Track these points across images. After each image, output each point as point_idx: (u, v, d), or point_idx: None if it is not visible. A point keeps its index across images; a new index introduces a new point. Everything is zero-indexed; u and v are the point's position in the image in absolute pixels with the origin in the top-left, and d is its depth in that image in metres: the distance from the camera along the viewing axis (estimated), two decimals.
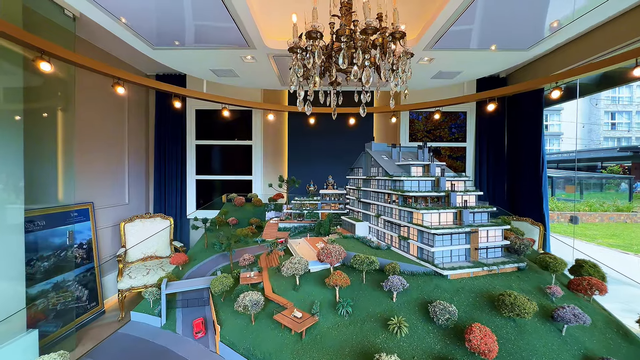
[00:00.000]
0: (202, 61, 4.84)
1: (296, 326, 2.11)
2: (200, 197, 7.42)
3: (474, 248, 2.37)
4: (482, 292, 2.09)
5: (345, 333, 2.06)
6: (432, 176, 2.75)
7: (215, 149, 7.44)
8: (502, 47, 4.33)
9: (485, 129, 7.02)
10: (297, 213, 4.50)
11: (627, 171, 24.82)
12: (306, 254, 2.77)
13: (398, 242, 2.75)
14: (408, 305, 2.11)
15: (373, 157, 3.14)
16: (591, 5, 3.20)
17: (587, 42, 4.85)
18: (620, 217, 15.18)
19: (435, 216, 2.42)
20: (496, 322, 1.84)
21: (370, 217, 3.30)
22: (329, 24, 2.65)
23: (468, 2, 3.19)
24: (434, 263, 2.30)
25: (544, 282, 2.23)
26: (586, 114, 28.76)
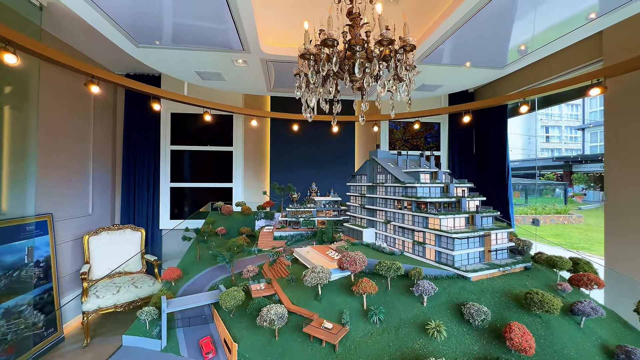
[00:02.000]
0: (189, 62, 4.59)
1: (331, 337, 2.05)
2: (176, 206, 6.93)
3: (487, 250, 2.53)
4: (504, 291, 2.23)
5: (381, 341, 2.05)
6: (441, 183, 2.88)
7: (192, 155, 7.04)
8: (482, 64, 4.73)
9: (457, 139, 7.56)
10: (293, 221, 4.41)
11: (560, 178, 28.31)
12: (320, 263, 2.72)
13: (412, 248, 2.82)
14: (439, 309, 2.17)
15: (380, 164, 3.21)
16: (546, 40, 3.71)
17: (544, 65, 5.49)
18: (559, 218, 17.20)
19: (451, 221, 2.54)
20: (525, 320, 1.97)
21: (376, 223, 3.35)
22: (342, 33, 2.67)
23: (460, 23, 3.46)
24: (455, 266, 2.40)
25: (549, 279, 2.45)
26: (526, 127, 32.32)
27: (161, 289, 3.19)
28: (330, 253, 3.01)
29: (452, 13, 3.32)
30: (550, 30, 3.65)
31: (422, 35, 4.01)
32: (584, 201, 27.07)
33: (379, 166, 3.28)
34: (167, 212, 6.80)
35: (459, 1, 3.17)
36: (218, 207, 5.35)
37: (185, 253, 4.14)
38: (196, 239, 4.15)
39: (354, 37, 2.57)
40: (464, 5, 3.11)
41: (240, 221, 5.06)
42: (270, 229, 4.52)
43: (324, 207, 4.52)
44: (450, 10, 3.34)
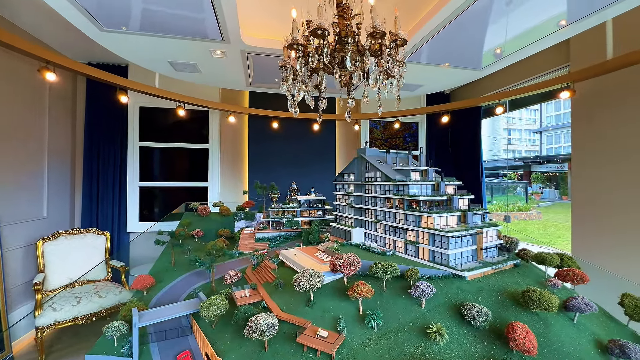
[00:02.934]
0: (161, 52, 4.23)
1: (327, 347, 1.91)
2: (145, 207, 6.42)
3: (480, 248, 2.52)
4: (500, 290, 2.22)
5: (380, 348, 1.94)
6: (432, 181, 2.85)
7: (164, 153, 6.57)
8: (461, 65, 4.82)
9: (434, 139, 7.74)
10: (276, 221, 4.21)
11: (520, 178, 30.38)
12: (310, 265, 2.57)
13: (403, 247, 2.76)
14: (438, 310, 2.11)
15: (370, 162, 3.12)
16: (520, 44, 3.89)
17: (516, 69, 5.74)
18: (521, 215, 18.38)
19: (444, 219, 2.50)
20: (523, 318, 1.96)
21: (365, 222, 3.26)
22: (332, 24, 2.54)
23: (444, 24, 3.46)
24: (450, 265, 2.36)
25: (538, 276, 2.50)
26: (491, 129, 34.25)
27: (131, 300, 2.87)
28: (319, 255, 2.87)
29: (435, 14, 3.31)
30: (524, 36, 3.77)
31: (409, 31, 3.98)
32: (541, 199, 29.19)
33: (368, 164, 3.19)
34: (136, 214, 6.28)
35: (443, 3, 3.17)
36: (194, 207, 5.01)
37: (158, 258, 3.80)
38: (170, 242, 3.82)
39: (345, 28, 2.44)
40: (448, 7, 3.11)
41: (218, 222, 4.77)
42: (251, 231, 4.29)
43: (308, 207, 4.37)
44: (434, 12, 3.33)
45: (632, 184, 4.01)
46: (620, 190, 4.14)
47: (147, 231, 5.99)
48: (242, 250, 3.80)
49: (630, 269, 3.78)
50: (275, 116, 6.13)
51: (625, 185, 4.09)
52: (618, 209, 4.15)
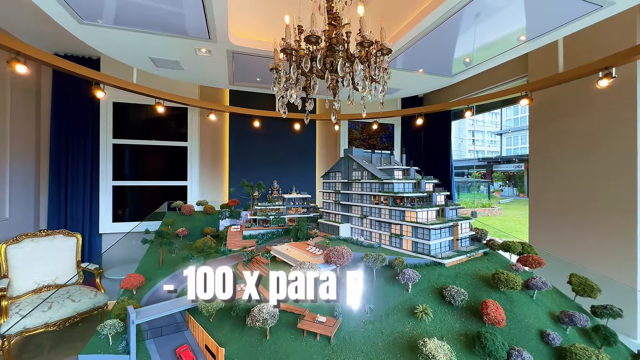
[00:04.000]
0: (144, 47, 4.15)
1: (327, 330, 2.09)
2: (119, 207, 6.18)
3: (456, 239, 2.83)
4: (474, 274, 2.53)
5: (373, 329, 2.16)
6: (413, 179, 3.13)
7: (139, 150, 6.35)
8: (435, 72, 5.20)
9: (408, 140, 8.18)
10: (263, 219, 4.31)
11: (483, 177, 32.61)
12: (303, 259, 2.74)
13: (389, 240, 3.01)
14: (422, 294, 2.37)
15: (356, 161, 3.33)
16: (488, 56, 4.33)
17: (481, 77, 6.27)
18: (485, 211, 19.77)
19: (425, 214, 2.78)
20: (494, 296, 2.27)
21: (351, 218, 3.47)
22: (323, 31, 2.72)
23: (424, 32, 3.77)
24: (431, 254, 2.64)
25: (504, 262, 2.86)
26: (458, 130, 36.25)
27: (122, 299, 2.84)
28: (311, 249, 3.04)
29: (415, 25, 3.60)
30: (490, 48, 4.20)
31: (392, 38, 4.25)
32: (501, 196, 31.42)
33: (355, 163, 3.41)
34: (109, 214, 6.03)
35: (422, 16, 3.47)
36: (177, 206, 4.94)
37: (143, 258, 3.74)
38: (159, 241, 3.78)
39: (336, 36, 2.62)
40: (427, 19, 3.41)
41: (203, 221, 4.76)
42: (238, 228, 4.35)
43: (293, 205, 4.51)
44: (414, 23, 3.62)
45: (576, 184, 4.62)
46: (567, 189, 4.75)
47: (133, 231, 5.78)
48: (230, 247, 3.85)
49: (576, 254, 4.38)
50: (256, 115, 6.16)
51: (570, 185, 4.70)
52: (565, 205, 4.76)
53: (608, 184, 4.29)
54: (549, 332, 2.04)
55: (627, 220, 4.05)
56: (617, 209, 4.16)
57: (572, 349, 1.88)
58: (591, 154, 4.51)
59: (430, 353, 1.75)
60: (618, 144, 4.22)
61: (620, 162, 4.18)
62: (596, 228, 4.37)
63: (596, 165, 4.44)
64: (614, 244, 4.17)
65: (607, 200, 4.28)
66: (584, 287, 2.44)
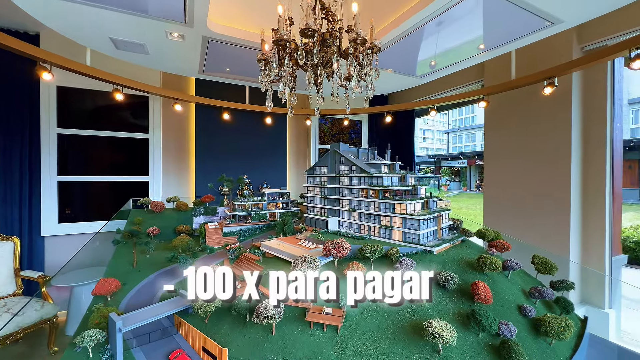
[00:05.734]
0: (105, 26, 3.71)
1: (336, 320, 2.14)
2: (66, 205, 5.46)
3: (439, 228, 3.07)
4: (459, 259, 2.78)
5: (376, 315, 2.27)
6: (399, 173, 3.31)
7: (91, 142, 5.67)
8: (405, 72, 5.50)
9: (374, 136, 8.53)
10: (244, 215, 4.18)
11: (433, 172, 35.35)
12: (298, 253, 2.76)
13: (378, 231, 3.15)
14: None
15: (345, 156, 3.41)
16: (451, 60, 4.75)
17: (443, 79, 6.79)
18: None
19: (412, 206, 2.97)
20: (479, 278, 2.53)
21: (339, 212, 3.55)
22: (319, 25, 2.74)
23: (409, 31, 3.97)
24: (421, 243, 2.83)
25: (479, 247, 3.19)
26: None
27: (96, 307, 2.54)
28: (304, 243, 3.05)
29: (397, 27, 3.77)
30: (454, 54, 4.58)
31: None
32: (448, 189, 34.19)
33: (342, 158, 3.48)
34: (55, 214, 5.30)
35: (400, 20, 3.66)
36: (144, 203, 4.54)
37: (112, 260, 3.38)
38: (133, 242, 3.44)
39: (329, 30, 2.65)
40: (405, 24, 3.61)
41: (175, 219, 4.44)
42: (216, 225, 4.16)
43: (273, 200, 4.45)
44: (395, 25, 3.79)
45: (522, 179, 5.30)
46: (514, 183, 5.42)
47: (82, 233, 5.14)
48: (210, 245, 3.68)
49: (527, 237, 5.04)
50: (227, 107, 5.89)
51: (518, 179, 5.37)
52: (513, 197, 5.42)
53: (547, 180, 4.99)
54: (525, 306, 2.36)
55: (561, 208, 4.77)
56: (555, 200, 4.88)
57: (546, 318, 2.20)
58: (534, 154, 5.19)
59: (436, 332, 1.91)
60: (556, 144, 4.92)
61: (557, 164, 4.89)
62: (537, 215, 5.08)
63: (538, 164, 5.13)
64: (551, 229, 4.90)
65: (547, 194, 4.98)
66: (544, 266, 2.84)
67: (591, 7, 3.27)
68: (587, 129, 4.88)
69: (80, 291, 4.89)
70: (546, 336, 2.19)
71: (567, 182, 4.81)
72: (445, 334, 1.90)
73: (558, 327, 2.12)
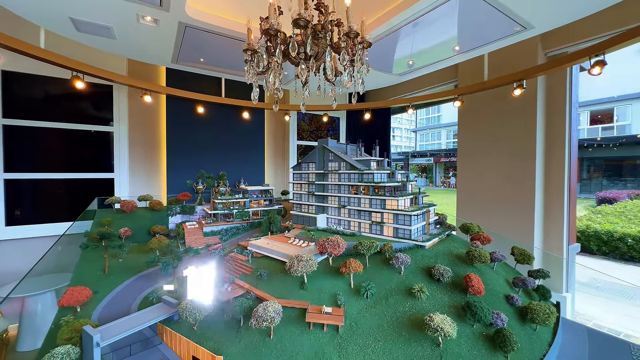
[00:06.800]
0: (65, 4, 3.29)
1: (337, 319, 2.09)
2: (16, 206, 4.83)
3: (428, 223, 3.14)
4: (449, 253, 2.86)
5: (376, 312, 2.26)
6: (388, 170, 3.33)
7: (45, 135, 5.05)
8: (383, 69, 5.56)
9: (352, 132, 8.59)
10: (225, 213, 3.98)
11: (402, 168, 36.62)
12: (291, 252, 2.68)
13: (369, 228, 3.15)
14: (413, 275, 2.56)
15: (334, 152, 3.36)
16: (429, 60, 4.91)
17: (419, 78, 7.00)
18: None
19: (403, 202, 3.00)
20: (469, 270, 2.62)
21: (328, 208, 3.50)
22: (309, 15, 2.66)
23: (394, 29, 4.00)
24: (412, 238, 2.87)
25: (463, 241, 3.31)
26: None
27: (65, 319, 2.25)
28: (294, 241, 2.97)
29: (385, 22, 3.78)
30: (432, 54, 4.73)
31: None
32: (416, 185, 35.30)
33: (331, 154, 3.43)
34: (1, 215, 4.66)
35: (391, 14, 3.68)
36: (113, 202, 4.14)
37: (77, 266, 3.03)
38: (104, 245, 3.10)
39: (321, 22, 2.59)
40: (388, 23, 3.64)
41: (148, 219, 4.11)
42: (195, 225, 3.93)
43: (255, 197, 4.29)
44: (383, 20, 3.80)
45: (492, 171, 5.63)
46: (486, 175, 5.75)
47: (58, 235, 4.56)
48: (190, 246, 3.46)
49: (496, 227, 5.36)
50: (202, 100, 5.56)
51: (489, 172, 5.70)
52: (486, 187, 5.75)
53: (516, 175, 5.35)
54: (512, 295, 2.49)
55: (527, 201, 5.14)
56: (522, 194, 5.24)
57: (531, 306, 2.33)
58: (505, 151, 5.53)
59: (438, 326, 1.94)
60: (524, 142, 5.27)
61: (525, 161, 5.25)
62: (505, 208, 5.44)
63: (508, 160, 5.48)
64: (518, 220, 5.27)
65: (515, 188, 5.34)
66: (523, 257, 3.03)
67: (560, 15, 3.52)
68: (550, 129, 5.29)
69: (34, 302, 4.37)
70: (532, 322, 2.32)
71: (533, 178, 5.18)
72: (446, 327, 1.93)
73: (543, 314, 2.26)
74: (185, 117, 6.13)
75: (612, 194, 14.30)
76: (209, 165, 6.31)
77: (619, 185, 19.70)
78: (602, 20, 4.38)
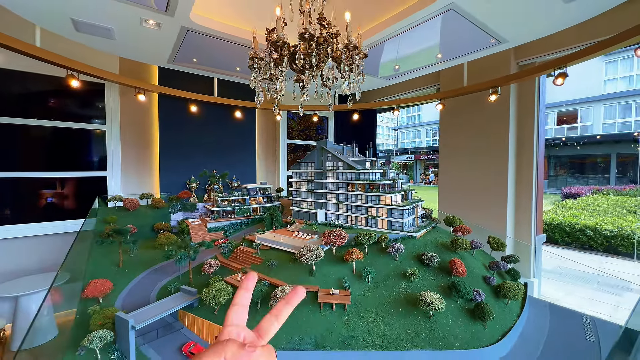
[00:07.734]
0: (70, 5, 3.37)
1: (344, 299, 2.41)
2: (5, 205, 4.77)
3: (417, 217, 3.53)
4: (436, 242, 3.25)
5: (376, 292, 2.60)
6: (381, 169, 3.68)
7: (37, 133, 4.99)
8: (369, 72, 5.91)
9: (340, 131, 8.92)
10: (228, 210, 4.20)
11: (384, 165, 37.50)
12: (298, 243, 2.98)
13: (365, 221, 3.49)
14: (406, 260, 2.93)
15: (332, 153, 3.67)
16: (413, 66, 5.31)
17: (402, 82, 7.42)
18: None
19: (395, 198, 3.36)
20: (453, 256, 3.02)
21: (326, 204, 3.81)
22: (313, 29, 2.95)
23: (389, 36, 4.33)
24: (404, 230, 3.24)
25: (447, 232, 3.73)
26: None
27: (93, 309, 2.43)
28: (299, 234, 3.26)
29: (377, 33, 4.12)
30: (416, 59, 5.14)
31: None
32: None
33: (330, 154, 3.73)
34: None
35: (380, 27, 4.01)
36: (115, 200, 4.24)
37: (89, 262, 3.16)
38: (119, 241, 3.23)
39: (324, 36, 2.88)
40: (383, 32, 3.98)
41: (150, 216, 4.25)
42: (198, 221, 4.12)
43: (255, 195, 4.53)
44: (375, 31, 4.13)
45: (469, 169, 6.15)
46: (464, 171, 6.27)
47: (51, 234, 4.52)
48: (196, 241, 3.67)
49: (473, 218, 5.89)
50: (195, 99, 5.67)
51: (467, 169, 6.22)
52: (464, 183, 6.28)
53: (490, 172, 5.89)
54: (489, 276, 2.92)
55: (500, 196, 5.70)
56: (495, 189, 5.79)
57: (504, 284, 2.77)
58: (480, 150, 6.07)
59: (430, 301, 2.31)
60: (497, 142, 5.82)
61: (498, 159, 5.79)
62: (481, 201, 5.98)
63: (483, 158, 6.02)
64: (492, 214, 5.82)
65: (490, 184, 5.89)
66: (497, 244, 3.49)
67: (529, 32, 4.00)
68: (521, 130, 5.86)
69: (28, 301, 4.38)
70: (504, 298, 2.76)
71: (506, 175, 5.74)
72: (436, 302, 2.31)
73: (513, 290, 2.70)
74: (178, 116, 6.20)
75: (575, 190, 15.57)
76: (202, 163, 6.42)
77: (581, 181, 21.35)
78: (567, 36, 4.96)
